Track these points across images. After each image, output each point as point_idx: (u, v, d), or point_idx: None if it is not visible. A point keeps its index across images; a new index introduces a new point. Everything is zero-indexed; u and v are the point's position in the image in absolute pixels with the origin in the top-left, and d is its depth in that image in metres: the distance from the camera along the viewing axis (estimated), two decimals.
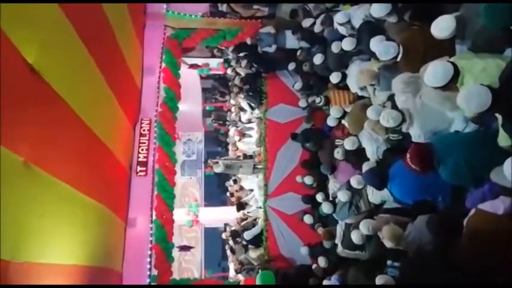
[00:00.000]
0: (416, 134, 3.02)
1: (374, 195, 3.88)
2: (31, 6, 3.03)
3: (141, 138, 6.09)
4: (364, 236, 3.71)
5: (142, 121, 6.17)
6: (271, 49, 6.84)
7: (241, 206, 8.00)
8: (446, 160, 2.59)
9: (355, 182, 4.05)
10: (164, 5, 6.86)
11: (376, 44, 3.50)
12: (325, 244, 5.04)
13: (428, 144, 2.82)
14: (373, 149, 3.86)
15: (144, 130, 6.13)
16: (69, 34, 3.74)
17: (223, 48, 7.97)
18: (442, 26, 2.67)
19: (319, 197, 5.34)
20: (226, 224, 10.58)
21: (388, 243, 3.12)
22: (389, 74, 3.46)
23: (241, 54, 7.43)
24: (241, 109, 8.76)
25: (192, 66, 9.22)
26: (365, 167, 3.92)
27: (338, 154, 4.62)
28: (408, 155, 2.75)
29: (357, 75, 4.10)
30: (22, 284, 3.00)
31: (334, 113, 4.78)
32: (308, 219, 5.71)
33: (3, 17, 2.64)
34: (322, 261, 5.00)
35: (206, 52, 8.60)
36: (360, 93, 4.39)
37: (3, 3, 2.65)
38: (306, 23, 5.58)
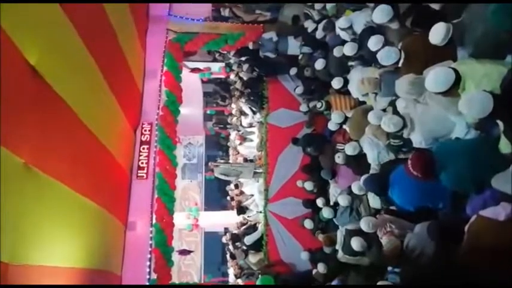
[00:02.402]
0: (418, 140, 3.02)
1: (375, 200, 3.88)
2: (33, 8, 3.04)
3: (142, 141, 6.09)
4: (365, 243, 3.70)
5: (144, 124, 6.18)
6: (272, 55, 6.85)
7: (241, 210, 7.98)
8: (448, 167, 2.58)
9: (356, 188, 4.03)
10: (167, 9, 6.89)
11: (375, 43, 3.51)
12: (326, 250, 5.02)
13: (430, 151, 2.82)
14: (374, 154, 3.86)
15: (145, 133, 6.14)
16: (71, 36, 3.76)
17: (225, 52, 8.00)
18: (433, 32, 2.73)
19: (319, 202, 5.33)
20: (226, 229, 10.55)
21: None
22: (390, 79, 3.46)
23: (242, 59, 7.45)
24: (243, 113, 8.77)
25: (194, 70, 9.25)
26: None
27: (339, 159, 4.60)
28: (410, 162, 2.75)
29: (357, 85, 4.09)
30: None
31: (335, 118, 4.77)
32: (308, 224, 5.69)
33: (6, 19, 2.65)
34: (321, 267, 4.97)
35: (208, 56, 8.63)
36: (362, 99, 4.39)
37: (6, 4, 2.66)
38: (308, 24, 5.59)
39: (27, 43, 2.98)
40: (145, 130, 6.15)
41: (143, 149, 6.01)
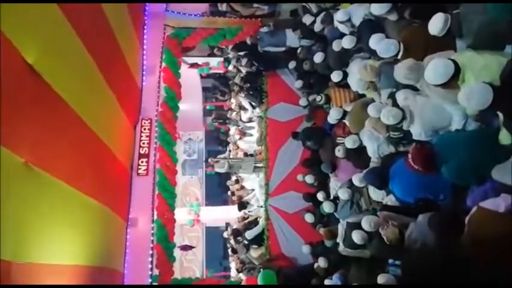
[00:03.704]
0: (417, 132, 3.01)
1: (375, 193, 3.88)
2: (31, 7, 3.02)
3: (141, 138, 6.09)
4: (366, 236, 3.71)
5: (143, 121, 6.17)
6: (278, 49, 6.75)
7: (242, 205, 8.00)
8: (449, 160, 2.59)
9: (357, 180, 4.04)
10: (164, 5, 6.86)
11: (376, 42, 3.49)
12: (327, 243, 5.04)
13: (431, 144, 2.82)
14: (374, 147, 3.85)
15: (144, 130, 6.13)
16: (68, 35, 3.74)
17: (223, 47, 7.97)
18: (432, 22, 2.73)
19: (320, 196, 5.33)
20: (227, 223, 10.58)
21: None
22: (390, 71, 3.45)
23: (241, 53, 7.42)
24: (242, 108, 8.76)
25: (192, 65, 9.20)
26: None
27: (339, 152, 4.60)
28: (411, 156, 2.75)
29: (360, 70, 4.07)
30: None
31: (333, 114, 4.77)
32: (309, 217, 5.70)
33: (3, 18, 2.63)
34: (322, 262, 5.00)
35: (206, 51, 8.59)
36: (361, 92, 4.39)
37: (4, 3, 2.65)
38: (306, 19, 5.56)
39: (25, 42, 2.96)
40: (144, 126, 6.14)
41: (143, 145, 6.00)
